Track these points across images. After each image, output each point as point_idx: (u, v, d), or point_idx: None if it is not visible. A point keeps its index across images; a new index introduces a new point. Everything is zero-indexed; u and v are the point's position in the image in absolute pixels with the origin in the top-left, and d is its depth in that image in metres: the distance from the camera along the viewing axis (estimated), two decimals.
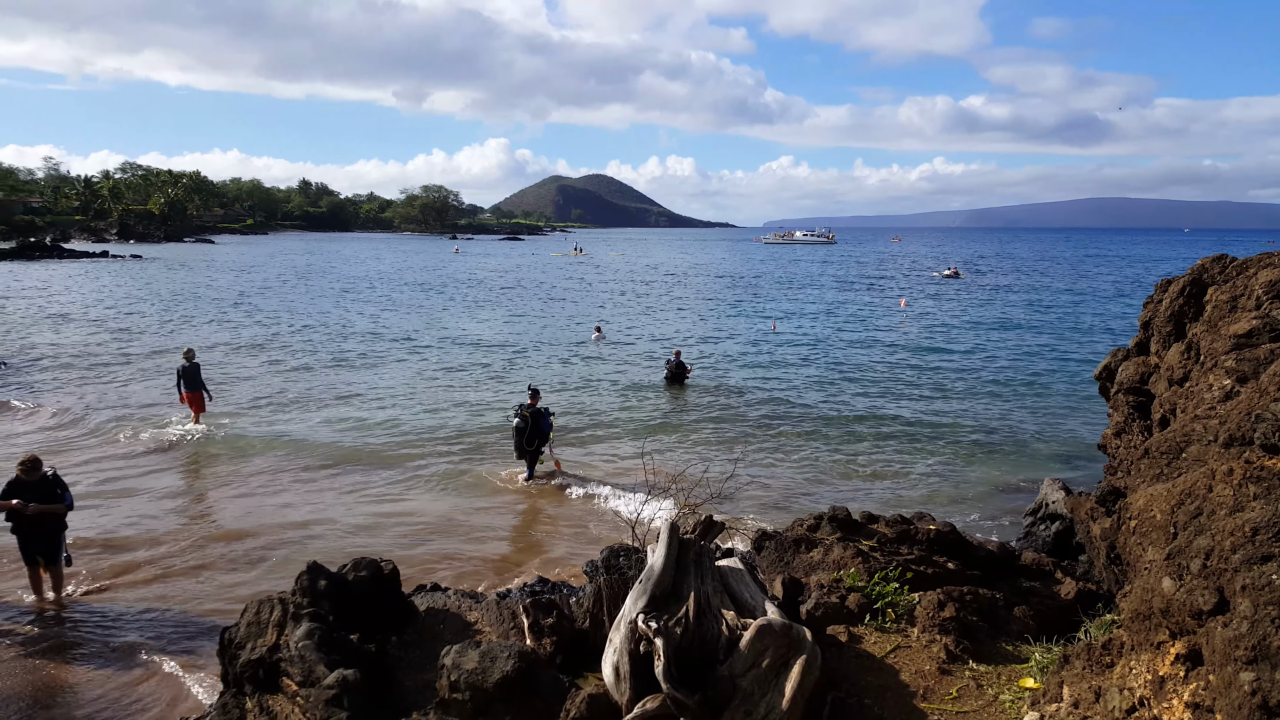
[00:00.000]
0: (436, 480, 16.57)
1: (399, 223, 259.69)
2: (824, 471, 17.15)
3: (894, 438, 19.66)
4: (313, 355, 31.50)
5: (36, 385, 25.71)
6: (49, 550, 10.89)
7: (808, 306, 51.79)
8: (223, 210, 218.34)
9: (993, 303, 54.56)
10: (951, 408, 22.95)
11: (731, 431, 20.26)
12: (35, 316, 42.96)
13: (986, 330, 39.84)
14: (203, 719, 6.11)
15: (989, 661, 5.92)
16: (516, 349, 33.95)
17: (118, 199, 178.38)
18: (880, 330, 40.12)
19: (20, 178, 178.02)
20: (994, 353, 32.75)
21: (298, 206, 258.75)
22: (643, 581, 5.17)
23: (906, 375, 27.80)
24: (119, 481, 16.34)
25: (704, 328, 41.67)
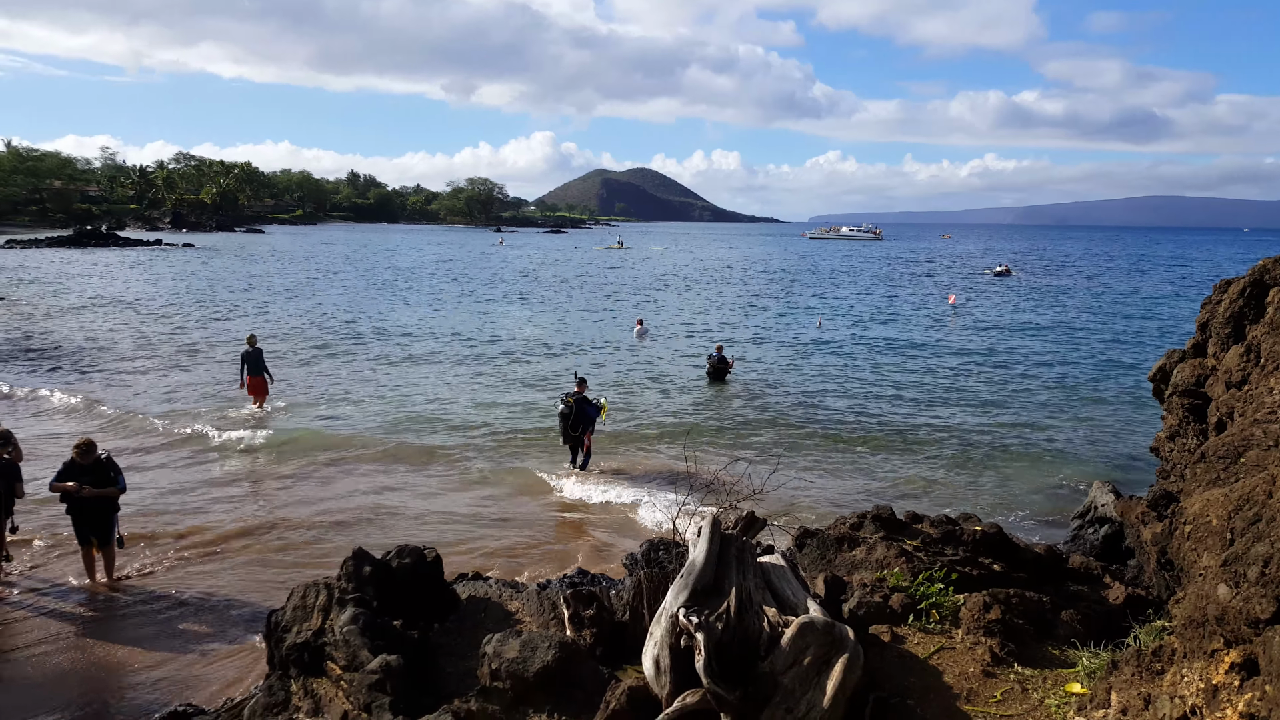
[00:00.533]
0: (479, 472, 16.71)
1: (444, 215, 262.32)
2: (867, 469, 17.00)
3: (938, 437, 19.42)
4: (361, 346, 31.90)
5: (91, 371, 26.33)
6: (102, 531, 11.17)
7: (854, 303, 51.26)
8: (273, 201, 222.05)
9: (1044, 302, 53.61)
10: (998, 407, 22.62)
11: (774, 428, 20.15)
12: (91, 303, 44.02)
13: (1036, 330, 39.14)
14: (250, 700, 6.22)
15: (1035, 665, 5.82)
16: (557, 344, 34.07)
17: (171, 188, 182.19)
18: (927, 328, 39.62)
19: (78, 167, 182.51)
20: (1043, 352, 32.17)
21: (346, 198, 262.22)
22: (684, 576, 5.16)
23: (952, 374, 27.44)
24: (172, 467, 16.70)
25: (747, 323, 41.47)
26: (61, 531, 12.14)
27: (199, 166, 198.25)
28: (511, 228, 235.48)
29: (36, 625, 10.24)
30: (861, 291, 59.94)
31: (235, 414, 20.74)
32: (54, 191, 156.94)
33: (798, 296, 55.74)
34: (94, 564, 11.28)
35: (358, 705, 5.41)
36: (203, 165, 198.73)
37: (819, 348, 33.09)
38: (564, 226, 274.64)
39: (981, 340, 35.57)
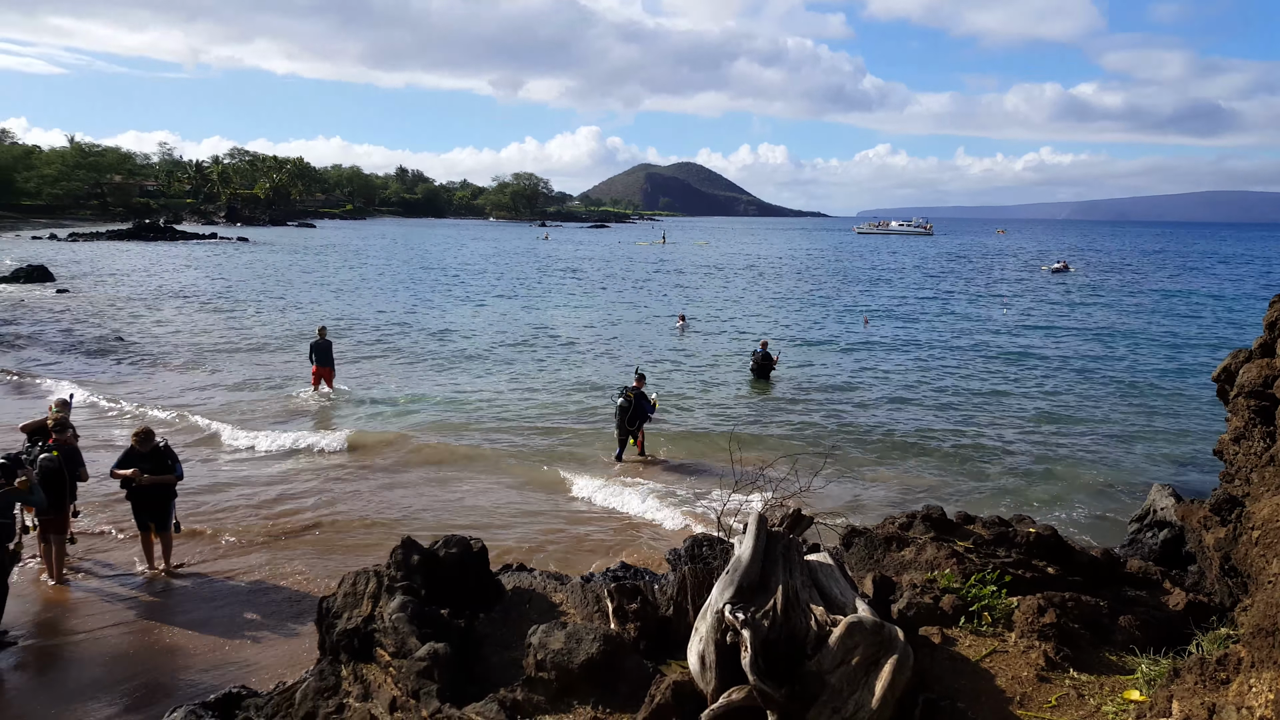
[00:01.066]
0: (527, 462, 16.80)
1: (490, 210, 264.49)
2: (915, 469, 16.78)
3: (989, 437, 19.11)
4: (413, 341, 32.24)
5: (150, 360, 26.95)
6: (160, 517, 11.42)
7: (902, 300, 50.59)
8: (324, 195, 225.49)
9: (1101, 299, 52.41)
10: (1052, 407, 22.18)
11: (819, 426, 19.98)
12: (150, 294, 45.07)
13: (1093, 328, 38.29)
14: (301, 684, 6.32)
15: (1091, 671, 5.69)
16: (600, 340, 34.12)
17: (226, 183, 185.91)
18: (979, 326, 38.96)
19: (138, 162, 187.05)
20: (1100, 352, 31.48)
21: (394, 193, 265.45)
22: (730, 572, 5.12)
23: (1005, 373, 26.96)
24: (225, 459, 17.01)
25: (792, 320, 41.15)
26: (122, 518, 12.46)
27: (253, 162, 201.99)
28: (556, 222, 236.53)
29: (98, 607, 10.51)
30: (910, 288, 59.12)
31: (297, 403, 21.11)
32: (114, 186, 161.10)
33: (844, 293, 55.15)
34: (152, 549, 11.55)
35: (406, 691, 5.45)
36: (256, 160, 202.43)
37: (865, 346, 32.71)
38: (608, 221, 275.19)
39: (1036, 338, 34.90)
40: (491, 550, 8.00)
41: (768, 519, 5.43)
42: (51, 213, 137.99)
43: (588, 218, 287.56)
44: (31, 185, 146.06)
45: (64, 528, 11.15)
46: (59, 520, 10.98)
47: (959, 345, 32.87)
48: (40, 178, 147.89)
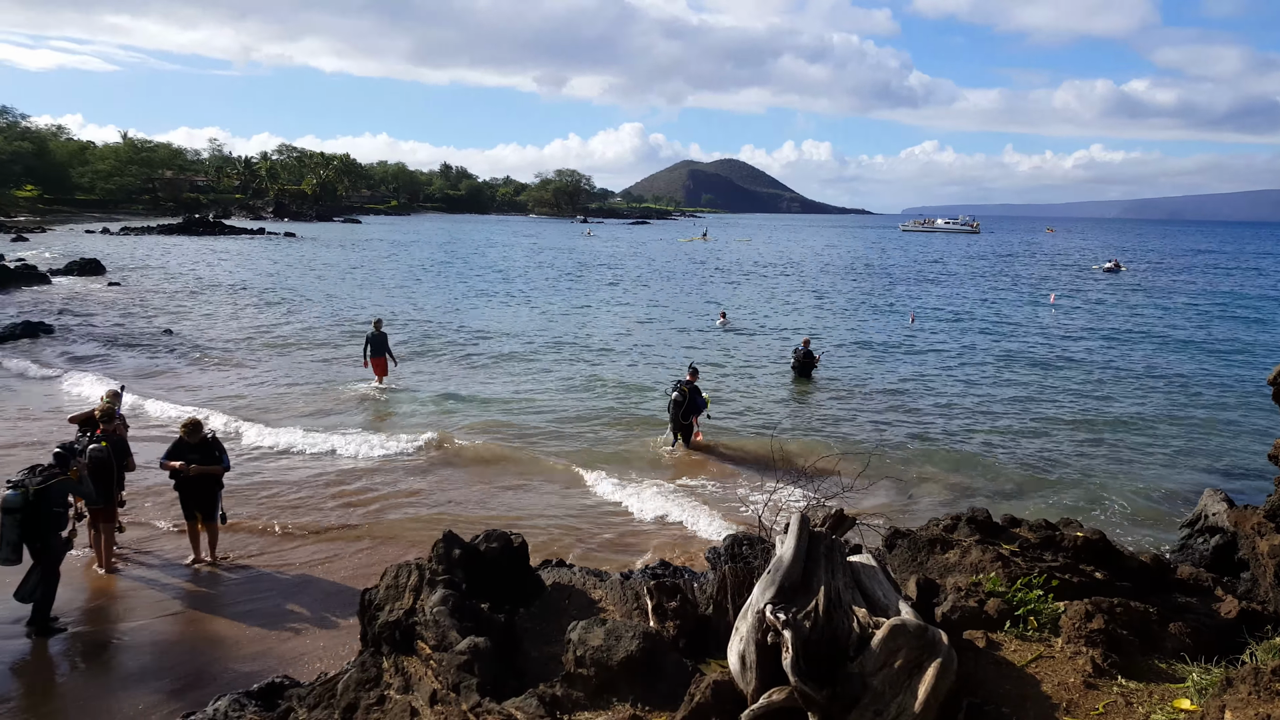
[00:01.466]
0: (567, 460, 16.86)
1: (532, 206, 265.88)
2: (958, 470, 16.58)
3: (1035, 439, 18.83)
4: (462, 336, 32.49)
5: (198, 353, 27.46)
6: (207, 508, 11.62)
7: (948, 299, 49.93)
8: (369, 191, 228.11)
9: (1153, 300, 51.29)
10: (1100, 410, 21.78)
11: (862, 426, 19.81)
12: (198, 288, 45.92)
13: (1144, 329, 37.48)
14: (343, 675, 6.40)
15: (1139, 678, 5.57)
16: (641, 337, 34.13)
17: (274, 179, 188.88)
18: (1026, 326, 38.35)
19: (188, 158, 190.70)
20: (1151, 353, 30.83)
21: (438, 189, 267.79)
22: (771, 572, 5.09)
23: (1052, 374, 26.51)
24: (277, 451, 17.27)
25: (834, 317, 40.83)
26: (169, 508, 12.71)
27: (300, 158, 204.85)
28: (598, 219, 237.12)
29: (145, 596, 10.74)
30: (957, 287, 58.37)
31: (342, 397, 21.41)
32: (165, 181, 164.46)
33: (889, 291, 54.59)
34: (199, 539, 11.75)
35: (446, 685, 5.49)
36: (304, 157, 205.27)
37: (910, 344, 32.35)
38: (649, 218, 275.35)
39: (1085, 339, 34.28)
40: (531, 546, 8.04)
41: (810, 519, 5.39)
42: (104, 207, 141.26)
43: (629, 214, 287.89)
44: (86, 180, 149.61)
45: (113, 517, 11.40)
46: (108, 510, 11.22)
47: (1006, 345, 32.36)
48: (94, 173, 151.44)
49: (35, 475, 9.66)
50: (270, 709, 7.21)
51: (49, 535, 9.61)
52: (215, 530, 11.79)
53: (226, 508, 12.04)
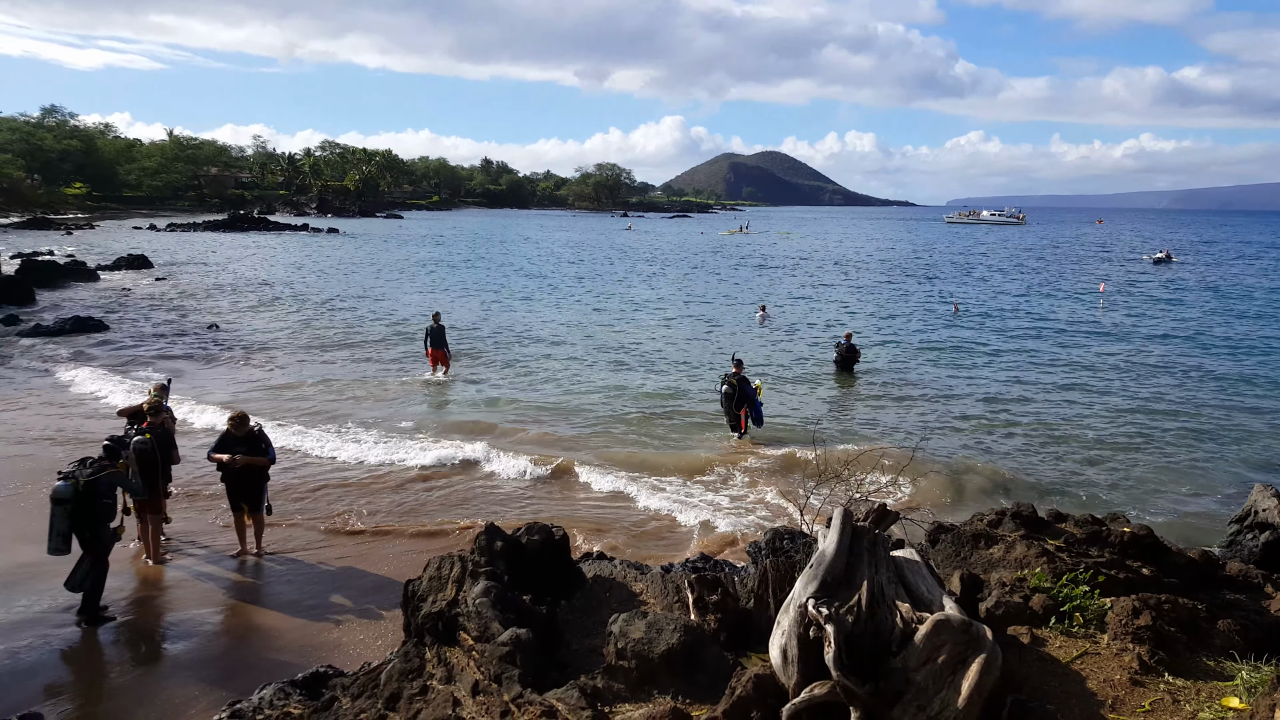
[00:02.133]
0: (609, 453, 16.90)
1: (572, 200, 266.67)
2: (1003, 465, 16.34)
3: (1080, 433, 18.51)
4: (500, 334, 32.67)
5: (243, 347, 27.91)
6: (253, 499, 11.81)
7: (993, 291, 49.19)
8: (411, 187, 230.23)
9: (1204, 291, 50.13)
10: (1147, 403, 21.35)
11: (905, 420, 19.63)
12: (243, 283, 46.63)
13: (1194, 322, 36.63)
14: (386, 665, 6.48)
15: (1187, 676, 5.47)
16: (681, 332, 34.08)
17: (317, 175, 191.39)
18: (1073, 318, 37.67)
19: (233, 155, 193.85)
20: (1202, 346, 30.13)
21: (479, 184, 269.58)
22: (814, 566, 5.06)
23: (1098, 368, 26.02)
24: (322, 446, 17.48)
25: (877, 311, 40.40)
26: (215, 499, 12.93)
27: (343, 154, 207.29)
28: (638, 213, 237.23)
29: (191, 586, 10.95)
30: (1001, 278, 57.53)
31: (398, 392, 21.66)
32: (210, 178, 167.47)
33: (933, 283, 53.92)
34: (245, 531, 11.94)
35: (488, 675, 5.54)
36: (346, 153, 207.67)
37: (954, 337, 31.95)
38: (689, 211, 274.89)
39: (1133, 331, 33.58)
40: (572, 541, 8.08)
41: (852, 514, 5.35)
42: (151, 204, 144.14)
43: (669, 208, 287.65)
44: (133, 177, 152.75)
45: (159, 508, 11.59)
46: (154, 501, 11.42)
47: (1052, 337, 31.84)
48: (141, 170, 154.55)
49: (85, 467, 9.88)
50: (314, 698, 7.32)
51: (98, 526, 9.81)
52: (261, 522, 11.96)
53: (272, 500, 12.22)
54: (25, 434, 17.05)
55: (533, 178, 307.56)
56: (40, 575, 10.40)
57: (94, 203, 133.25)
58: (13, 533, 11.77)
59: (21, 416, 18.46)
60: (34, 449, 15.98)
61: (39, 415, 18.62)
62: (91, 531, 9.72)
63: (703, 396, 21.28)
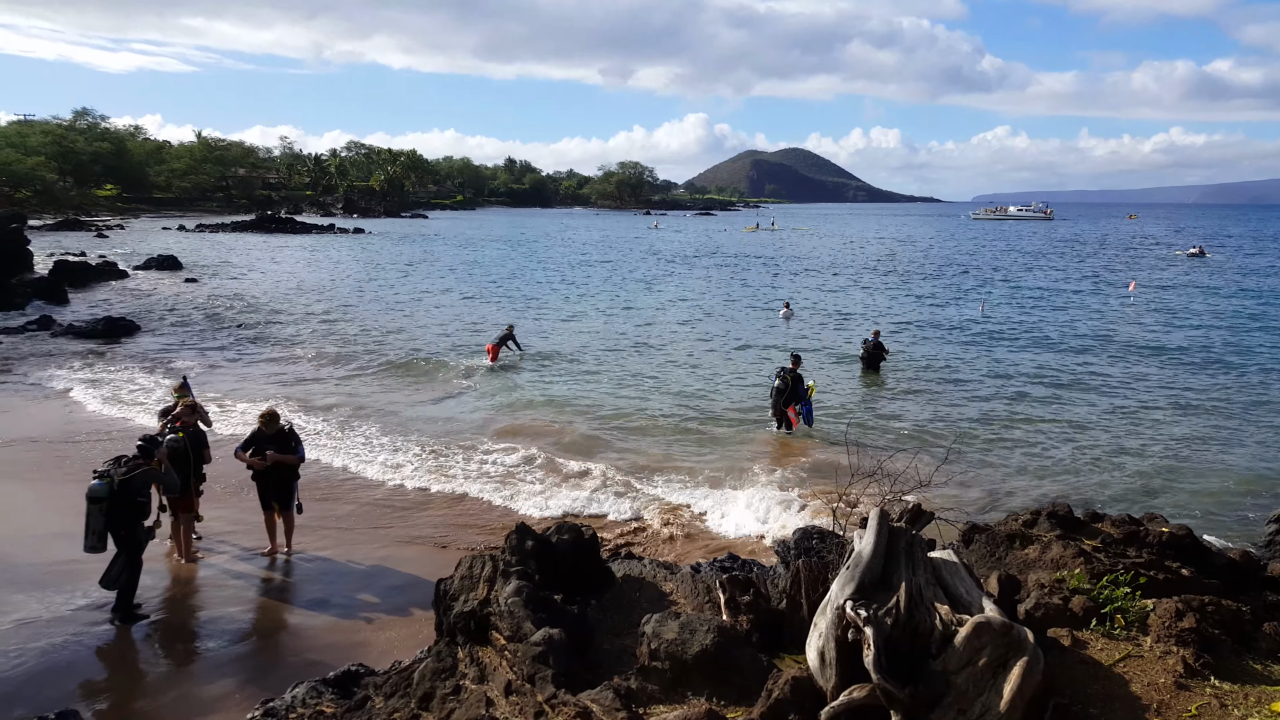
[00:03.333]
0: (644, 454, 16.88)
1: (595, 198, 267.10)
2: (1035, 465, 16.13)
3: (1113, 432, 18.27)
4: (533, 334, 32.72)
5: (272, 347, 28.12)
6: (283, 498, 11.86)
7: (1020, 288, 48.64)
8: (435, 187, 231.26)
9: (1238, 287, 49.26)
10: (1182, 401, 21.03)
11: (933, 419, 19.42)
12: (271, 284, 46.98)
13: (1229, 318, 35.99)
14: (419, 664, 6.48)
15: (1234, 680, 5.36)
16: (707, 329, 33.96)
17: (343, 175, 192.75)
18: (1104, 315, 37.16)
19: (260, 156, 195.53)
20: (1237, 344, 29.57)
21: (503, 183, 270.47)
22: (850, 567, 5.00)
23: (1129, 366, 25.65)
24: (353, 443, 17.60)
25: (903, 308, 40.08)
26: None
27: (368, 154, 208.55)
28: (660, 210, 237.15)
29: (223, 584, 11.02)
30: (1029, 275, 56.86)
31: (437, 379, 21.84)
32: (238, 179, 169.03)
33: (959, 281, 53.41)
34: (275, 529, 11.99)
35: (521, 675, 5.52)
36: (372, 153, 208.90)
37: (982, 335, 31.62)
38: (712, 209, 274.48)
39: (1166, 328, 33.09)
40: (601, 540, 8.05)
41: (888, 514, 5.28)
42: (180, 205, 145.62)
43: (692, 206, 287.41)
44: (162, 179, 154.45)
45: (192, 507, 11.69)
46: (186, 500, 11.51)
47: (1082, 336, 31.40)
48: (170, 171, 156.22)
49: (120, 466, 9.96)
50: (347, 696, 7.34)
51: (133, 524, 9.89)
52: (291, 520, 12.01)
53: (303, 498, 12.26)
54: (60, 432, 17.27)
55: (556, 176, 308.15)
56: (75, 574, 10.51)
57: (124, 204, 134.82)
58: (49, 530, 11.90)
59: (56, 415, 18.71)
60: (67, 448, 16.19)
61: (72, 414, 18.88)
62: (127, 529, 9.81)
63: (735, 395, 21.30)
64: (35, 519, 12.61)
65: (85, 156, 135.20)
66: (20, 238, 43.23)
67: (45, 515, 12.61)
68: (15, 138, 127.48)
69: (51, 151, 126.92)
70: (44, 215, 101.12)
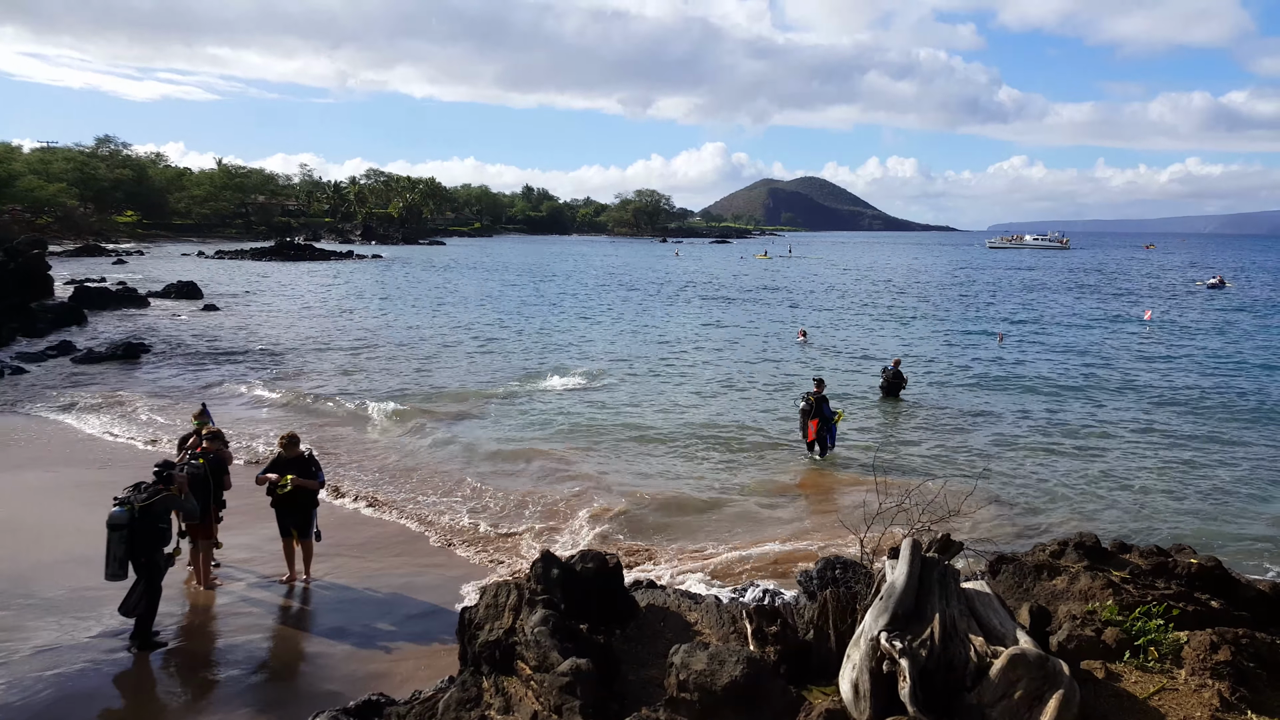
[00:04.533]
0: (655, 482, 16.82)
1: (612, 226, 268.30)
2: (1058, 497, 15.93)
3: (1132, 462, 18.10)
4: (549, 358, 32.74)
5: (296, 374, 28.23)
6: (302, 524, 11.81)
7: (1038, 318, 48.32)
8: (453, 214, 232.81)
9: (1262, 317, 48.83)
10: (1203, 432, 20.80)
11: (956, 449, 19.26)
12: (292, 311, 47.22)
13: (1250, 350, 35.54)
14: (444, 694, 6.42)
15: (1271, 714, 5.29)
16: (724, 357, 33.90)
17: (362, 203, 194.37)
18: (1123, 346, 36.86)
19: (279, 183, 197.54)
20: (1257, 376, 29.24)
21: (520, 211, 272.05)
22: (884, 598, 4.95)
23: (1147, 396, 25.39)
24: (365, 472, 17.63)
25: (920, 337, 39.89)
26: None
27: (387, 182, 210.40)
28: (677, 238, 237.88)
29: (241, 612, 10.94)
30: (1046, 305, 56.55)
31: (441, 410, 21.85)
32: (258, 206, 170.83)
33: (976, 311, 53.15)
34: (293, 556, 11.92)
35: (548, 707, 5.47)
36: (390, 180, 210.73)
37: (999, 365, 31.41)
38: (729, 237, 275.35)
39: (1187, 360, 32.72)
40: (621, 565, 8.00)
41: (921, 544, 5.23)
42: (200, 231, 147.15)
43: (709, 234, 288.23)
44: (182, 205, 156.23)
45: (211, 534, 11.65)
46: (206, 527, 11.48)
47: (1099, 366, 31.16)
48: (190, 198, 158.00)
49: (140, 492, 9.94)
50: None
51: (154, 551, 9.85)
52: (310, 547, 11.95)
53: (321, 525, 12.22)
54: (75, 458, 17.35)
55: (573, 204, 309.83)
56: (95, 600, 10.50)
57: (144, 230, 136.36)
58: (66, 557, 11.91)
59: (71, 441, 18.82)
60: (83, 474, 16.24)
61: (88, 440, 18.98)
62: (147, 556, 9.77)
63: (756, 420, 21.30)
64: (52, 545, 12.59)
65: (106, 183, 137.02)
66: (41, 263, 43.69)
67: (61, 541, 12.61)
68: (38, 165, 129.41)
69: (73, 178, 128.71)
70: (64, 241, 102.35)
